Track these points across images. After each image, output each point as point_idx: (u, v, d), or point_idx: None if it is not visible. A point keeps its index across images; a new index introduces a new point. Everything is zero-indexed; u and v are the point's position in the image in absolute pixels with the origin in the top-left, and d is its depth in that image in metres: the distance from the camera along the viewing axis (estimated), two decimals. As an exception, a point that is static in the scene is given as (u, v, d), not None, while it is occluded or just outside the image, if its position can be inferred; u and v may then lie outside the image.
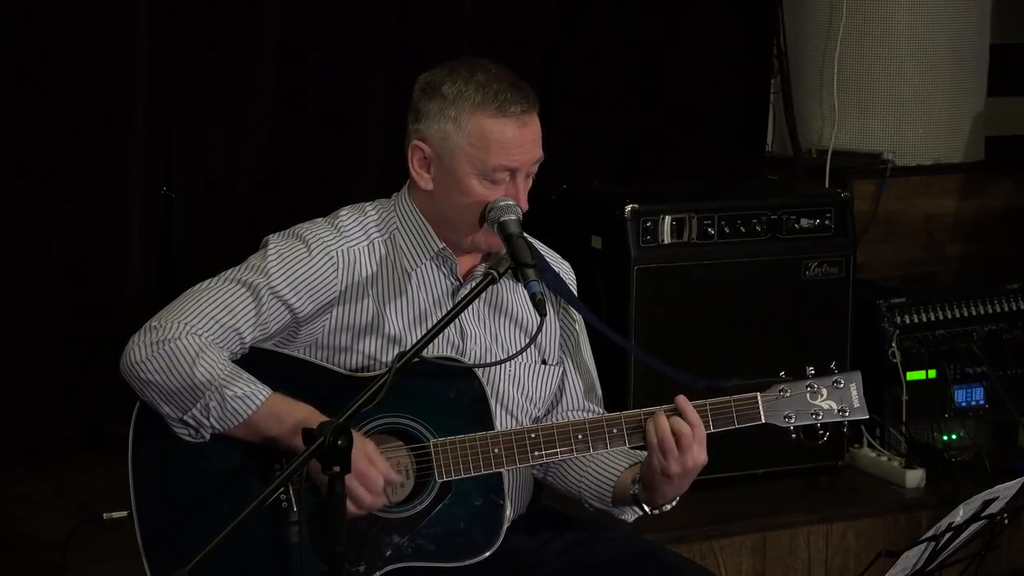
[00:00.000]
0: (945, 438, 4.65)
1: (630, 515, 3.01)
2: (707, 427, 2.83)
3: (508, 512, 2.90)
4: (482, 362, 2.90)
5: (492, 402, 2.87)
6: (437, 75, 2.88)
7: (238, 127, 4.67)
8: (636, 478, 2.91)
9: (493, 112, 2.82)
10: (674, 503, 2.91)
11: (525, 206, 2.87)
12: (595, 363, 3.15)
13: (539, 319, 2.76)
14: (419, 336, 2.76)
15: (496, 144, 2.82)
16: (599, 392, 3.14)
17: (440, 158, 2.86)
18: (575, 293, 3.08)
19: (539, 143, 2.88)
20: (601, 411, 3.10)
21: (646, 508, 2.92)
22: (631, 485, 2.91)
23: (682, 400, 2.83)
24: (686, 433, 2.79)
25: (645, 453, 2.85)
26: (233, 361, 2.78)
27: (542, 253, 3.00)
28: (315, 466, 2.56)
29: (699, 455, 2.80)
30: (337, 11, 4.74)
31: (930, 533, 2.96)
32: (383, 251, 2.92)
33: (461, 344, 2.92)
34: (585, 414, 3.06)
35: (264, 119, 4.69)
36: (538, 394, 3.01)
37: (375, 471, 2.70)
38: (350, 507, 2.68)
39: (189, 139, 4.62)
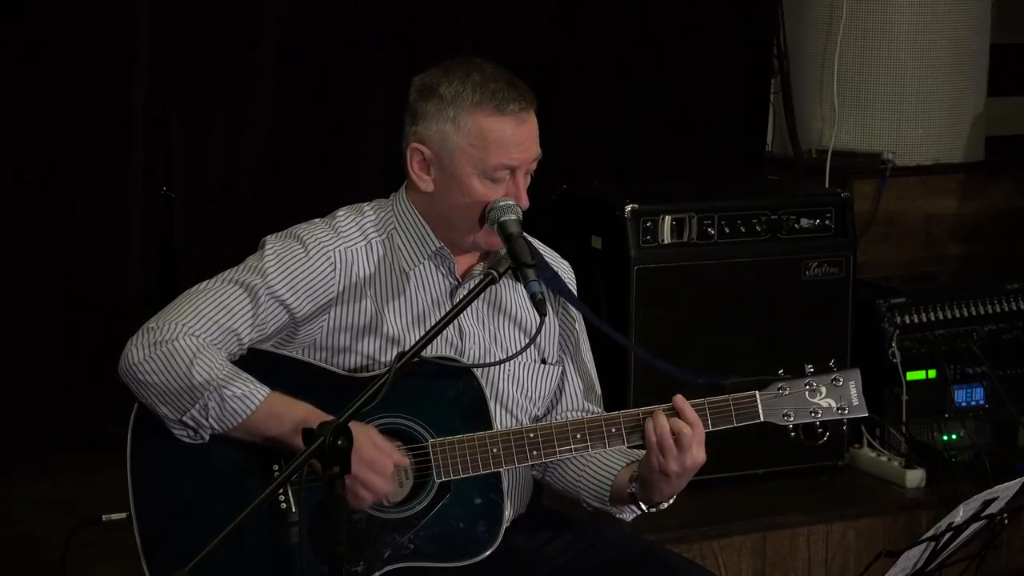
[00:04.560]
0: (945, 438, 4.65)
1: (628, 514, 3.01)
2: (706, 426, 2.83)
3: (507, 512, 2.91)
4: (481, 362, 2.90)
5: (491, 401, 2.88)
6: (433, 76, 2.88)
7: (238, 127, 4.67)
8: (633, 476, 2.91)
9: (491, 111, 2.82)
10: (671, 501, 2.91)
11: (526, 203, 2.86)
12: (595, 362, 3.15)
13: (539, 319, 2.76)
14: (418, 336, 2.77)
15: (495, 143, 2.82)
16: (599, 392, 3.13)
17: (440, 159, 2.86)
18: (575, 292, 3.08)
19: (537, 140, 2.88)
20: (601, 411, 3.09)
21: (643, 506, 2.92)
22: (628, 484, 2.92)
23: (680, 400, 2.83)
24: (686, 433, 2.79)
25: (643, 452, 2.85)
26: (231, 362, 2.78)
27: (541, 253, 2.99)
28: (317, 465, 2.56)
29: (698, 454, 2.80)
30: (337, 11, 4.74)
31: (930, 533, 2.95)
32: (381, 251, 2.91)
33: (460, 344, 2.92)
34: (584, 414, 3.06)
35: (264, 119, 4.70)
36: (537, 393, 3.01)
37: (384, 456, 2.71)
38: (364, 496, 2.69)
39: (189, 139, 4.62)
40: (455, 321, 2.82)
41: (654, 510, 2.93)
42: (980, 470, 4.40)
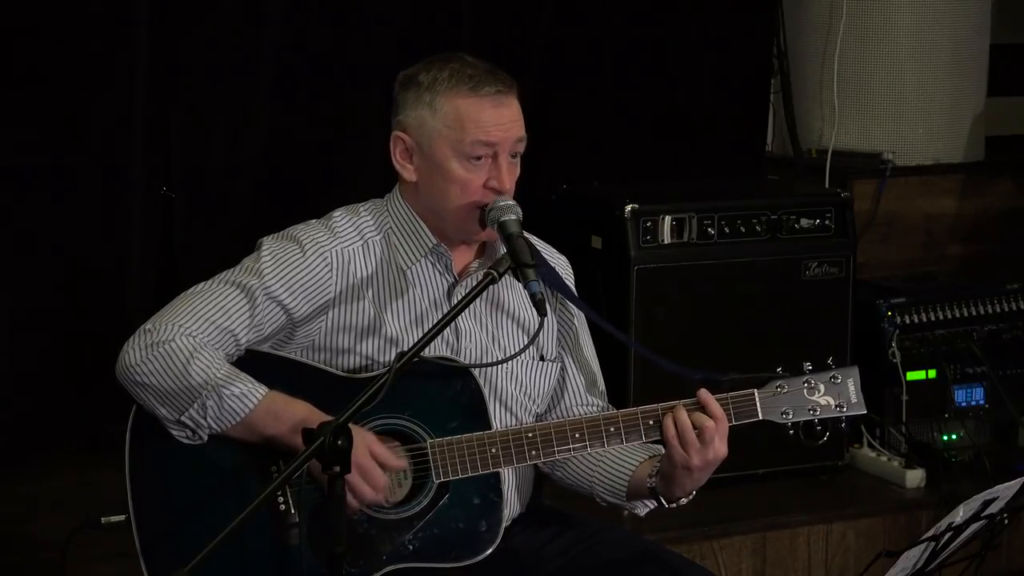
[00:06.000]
0: (945, 438, 4.65)
1: (642, 509, 3.01)
2: None
3: (507, 512, 2.91)
4: (480, 361, 2.90)
5: (491, 400, 2.88)
6: (415, 68, 2.91)
7: (238, 127, 4.67)
8: (654, 471, 2.90)
9: (466, 93, 2.82)
10: (691, 496, 2.90)
11: (509, 187, 2.85)
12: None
13: (539, 319, 2.76)
14: (418, 336, 2.76)
15: (471, 122, 2.81)
16: (602, 386, 3.13)
17: (420, 146, 2.87)
18: (573, 287, 3.08)
19: (519, 123, 2.87)
20: (605, 405, 3.10)
21: (663, 501, 2.92)
22: (648, 479, 2.91)
23: (705, 394, 2.83)
24: (708, 427, 2.79)
25: (658, 446, 2.85)
26: (229, 363, 2.77)
27: (538, 248, 2.98)
28: (316, 465, 2.56)
29: (720, 448, 2.81)
30: (337, 11, 4.75)
31: (930, 533, 2.95)
32: (378, 251, 2.91)
33: (456, 343, 2.92)
34: (588, 408, 3.06)
35: (264, 118, 4.70)
36: (537, 391, 3.01)
37: (377, 470, 2.70)
38: (350, 502, 2.68)
39: (189, 139, 4.62)
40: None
41: (674, 506, 2.93)
42: (980, 470, 4.40)
